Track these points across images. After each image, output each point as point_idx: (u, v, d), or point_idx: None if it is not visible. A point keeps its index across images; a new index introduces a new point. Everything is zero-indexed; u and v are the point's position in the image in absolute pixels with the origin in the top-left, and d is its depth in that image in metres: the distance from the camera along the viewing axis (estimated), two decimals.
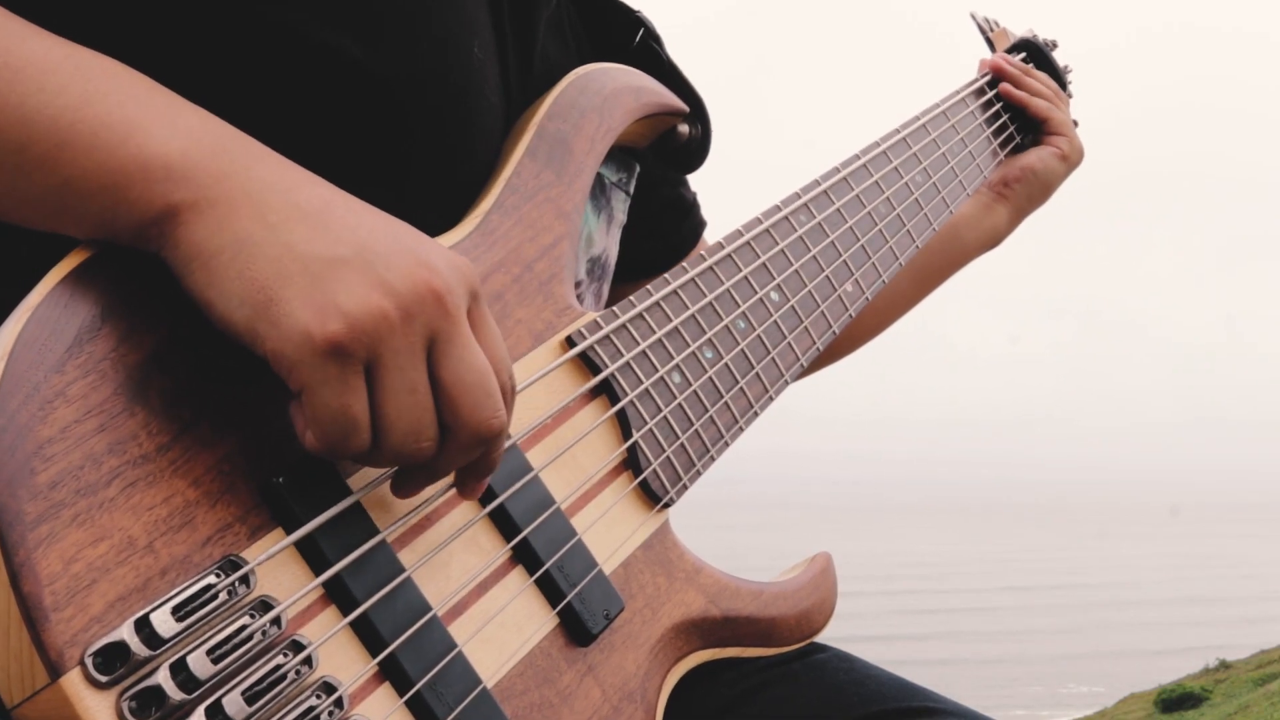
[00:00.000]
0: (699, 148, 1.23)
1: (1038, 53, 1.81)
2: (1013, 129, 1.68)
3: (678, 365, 1.10)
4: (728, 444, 1.14)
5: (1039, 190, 1.68)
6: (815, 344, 1.23)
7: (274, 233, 0.77)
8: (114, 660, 0.70)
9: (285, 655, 0.76)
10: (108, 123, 0.77)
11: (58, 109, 0.76)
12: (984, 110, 1.64)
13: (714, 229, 1.43)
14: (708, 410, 1.11)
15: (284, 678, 0.75)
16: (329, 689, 0.78)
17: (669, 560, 1.05)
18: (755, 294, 1.19)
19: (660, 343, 1.09)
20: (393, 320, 0.77)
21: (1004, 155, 1.66)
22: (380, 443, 0.78)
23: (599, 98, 1.12)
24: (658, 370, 1.08)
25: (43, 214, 0.78)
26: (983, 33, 1.84)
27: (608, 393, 1.04)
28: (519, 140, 1.07)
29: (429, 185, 1.01)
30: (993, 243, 1.67)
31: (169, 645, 0.71)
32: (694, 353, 1.11)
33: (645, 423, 1.06)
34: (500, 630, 0.90)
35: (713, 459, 1.12)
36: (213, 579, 0.74)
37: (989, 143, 1.62)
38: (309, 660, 0.77)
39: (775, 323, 1.19)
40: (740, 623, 1.08)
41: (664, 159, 1.23)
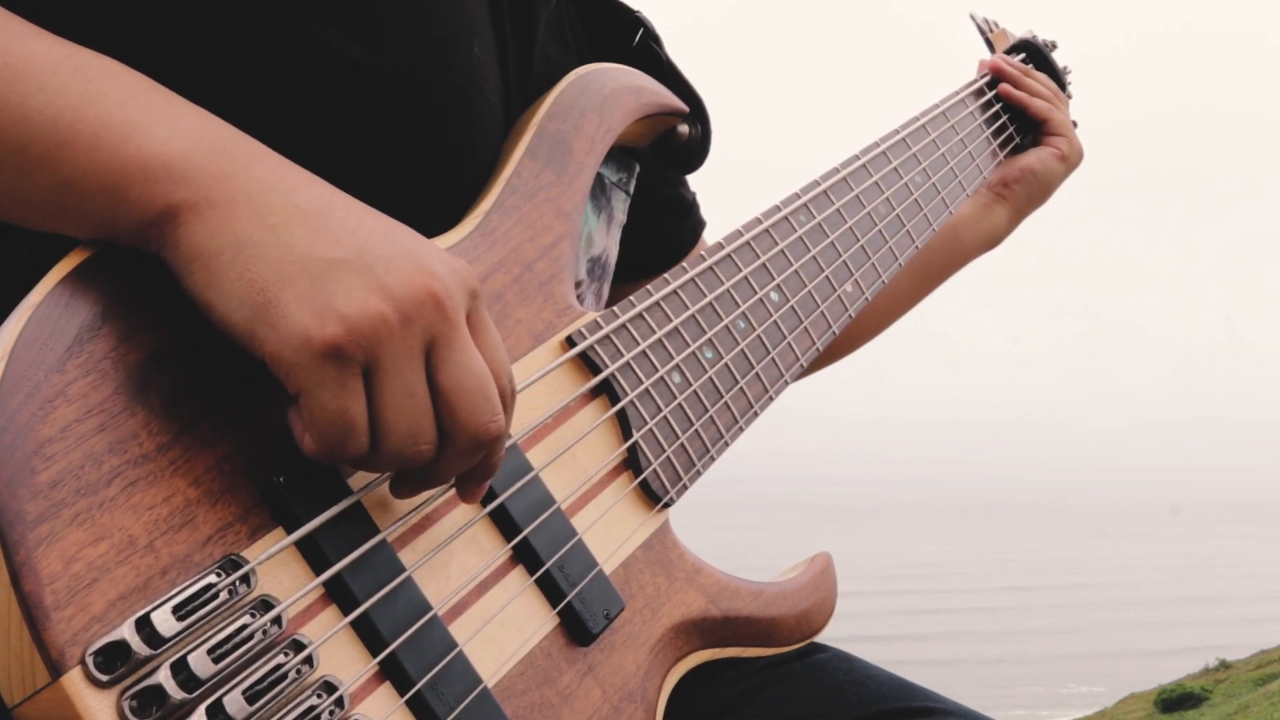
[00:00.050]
0: (699, 148, 1.23)
1: (1037, 53, 1.81)
2: (1012, 130, 1.68)
3: (678, 365, 1.10)
4: (728, 444, 1.14)
5: (1038, 191, 1.68)
6: (815, 344, 1.23)
7: (274, 234, 0.77)
8: (115, 659, 0.70)
9: (286, 654, 0.76)
10: (108, 123, 0.77)
11: (58, 109, 0.76)
12: (983, 111, 1.64)
13: (714, 229, 1.43)
14: (708, 410, 1.11)
15: (285, 677, 0.75)
16: (330, 688, 0.78)
17: (669, 560, 1.05)
18: (755, 294, 1.19)
19: (660, 343, 1.09)
20: (391, 324, 0.77)
21: (1003, 156, 1.66)
22: (379, 446, 0.78)
23: (599, 98, 1.12)
24: (658, 370, 1.08)
25: (43, 214, 0.78)
26: (982, 33, 1.84)
27: (608, 393, 1.04)
28: (519, 140, 1.07)
29: (429, 185, 1.01)
30: (992, 243, 1.67)
31: (170, 644, 0.71)
32: (694, 353, 1.11)
33: (645, 423, 1.06)
34: (500, 630, 0.90)
35: (713, 459, 1.12)
36: (213, 578, 0.74)
37: (988, 143, 1.62)
38: (310, 660, 0.77)
39: (775, 323, 1.20)
40: (740, 623, 1.08)
41: (664, 159, 1.23)
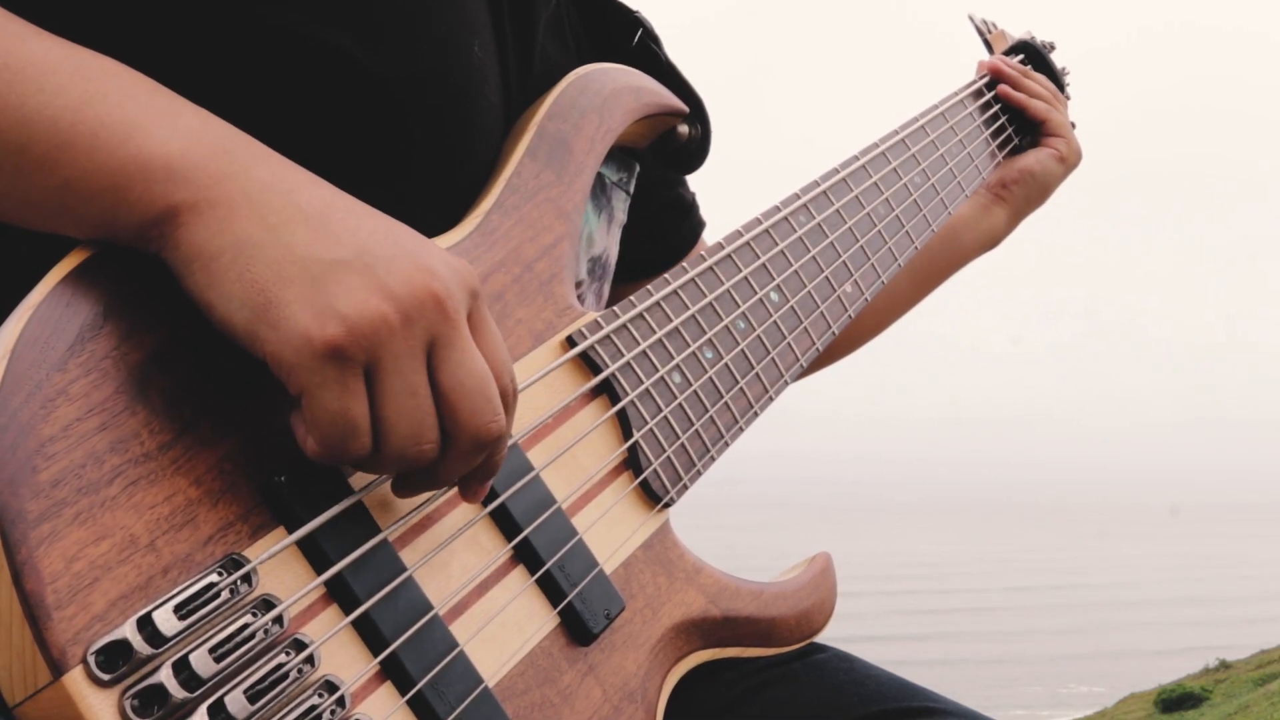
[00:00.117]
0: (699, 148, 1.23)
1: (1036, 54, 1.82)
2: (1011, 130, 1.68)
3: (678, 365, 1.10)
4: (728, 444, 1.14)
5: (1037, 192, 1.68)
6: (815, 344, 1.23)
7: (274, 234, 0.77)
8: (116, 659, 0.70)
9: (287, 654, 0.76)
10: (108, 123, 0.77)
11: (58, 109, 0.76)
12: (982, 112, 1.64)
13: (714, 229, 1.43)
14: (708, 410, 1.11)
15: (286, 676, 0.75)
16: (331, 688, 0.78)
17: (669, 560, 1.05)
18: (755, 294, 1.19)
19: (661, 343, 1.09)
20: (392, 324, 0.77)
21: (1002, 157, 1.66)
22: (381, 446, 0.78)
23: (599, 98, 1.12)
24: (658, 370, 1.08)
25: (43, 215, 0.78)
26: (981, 35, 1.84)
27: (608, 392, 1.04)
28: (519, 140, 1.07)
29: (429, 185, 1.01)
30: (991, 244, 1.68)
31: (171, 644, 0.71)
32: (694, 353, 1.12)
33: (646, 422, 1.06)
34: (501, 630, 0.90)
35: (713, 459, 1.12)
36: (215, 577, 0.74)
37: (987, 144, 1.62)
38: (311, 659, 0.77)
39: (775, 323, 1.20)
40: (740, 623, 1.08)
41: (664, 159, 1.23)
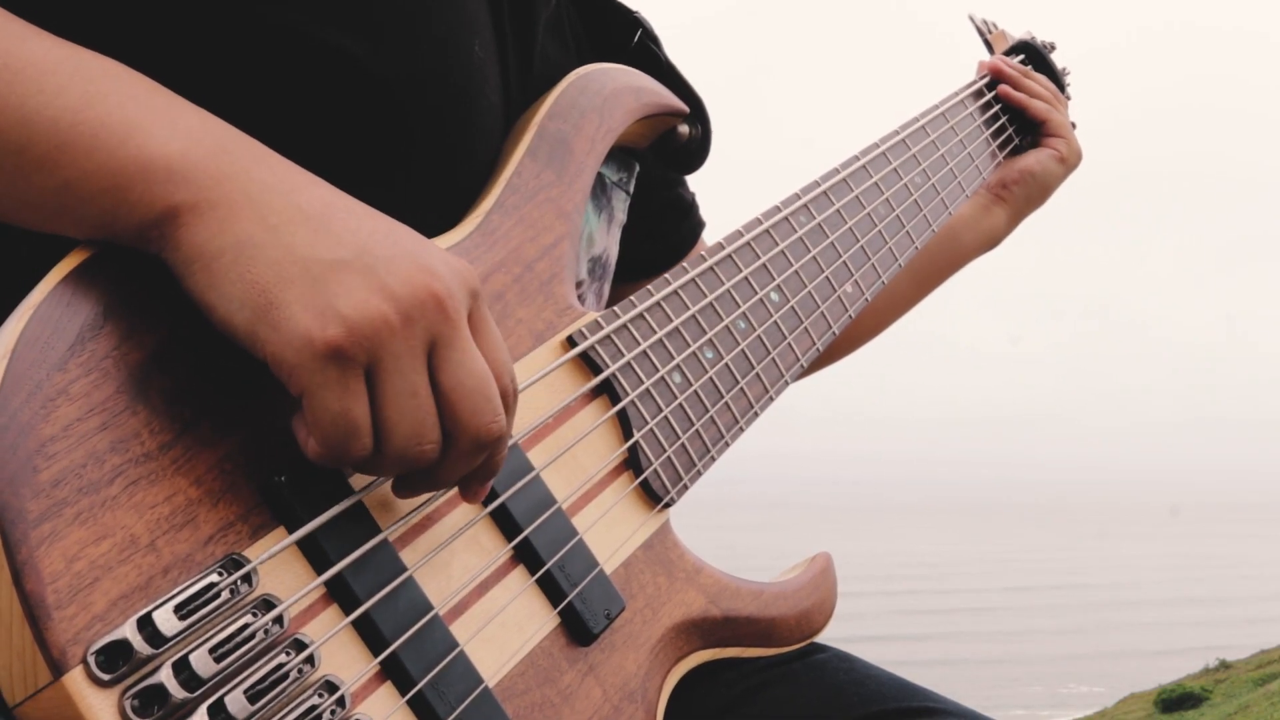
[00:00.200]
0: (699, 148, 1.23)
1: (1036, 55, 1.82)
2: (1011, 131, 1.68)
3: (678, 365, 1.10)
4: (728, 444, 1.14)
5: (1037, 192, 1.68)
6: (815, 344, 1.23)
7: (275, 235, 0.77)
8: (116, 659, 0.70)
9: (287, 654, 0.76)
10: (108, 124, 0.77)
11: (58, 110, 0.76)
12: (983, 112, 1.64)
13: (714, 229, 1.43)
14: (708, 410, 1.12)
15: (286, 676, 0.75)
16: (331, 688, 0.78)
17: (669, 560, 1.06)
18: (755, 294, 1.19)
19: (661, 343, 1.09)
20: (393, 324, 0.77)
21: (1002, 157, 1.66)
22: (382, 447, 0.78)
23: (599, 98, 1.12)
24: (658, 370, 1.08)
25: (43, 215, 0.78)
26: (981, 35, 1.84)
27: (609, 392, 1.04)
28: (519, 140, 1.07)
29: (429, 185, 1.01)
30: (991, 244, 1.68)
31: (171, 644, 0.71)
32: (694, 353, 1.12)
33: (646, 423, 1.06)
34: (501, 630, 0.90)
35: (713, 459, 1.12)
36: (215, 577, 0.74)
37: (987, 144, 1.62)
38: (311, 659, 0.77)
39: (775, 323, 1.20)
40: (740, 623, 1.08)
41: (664, 159, 1.23)
